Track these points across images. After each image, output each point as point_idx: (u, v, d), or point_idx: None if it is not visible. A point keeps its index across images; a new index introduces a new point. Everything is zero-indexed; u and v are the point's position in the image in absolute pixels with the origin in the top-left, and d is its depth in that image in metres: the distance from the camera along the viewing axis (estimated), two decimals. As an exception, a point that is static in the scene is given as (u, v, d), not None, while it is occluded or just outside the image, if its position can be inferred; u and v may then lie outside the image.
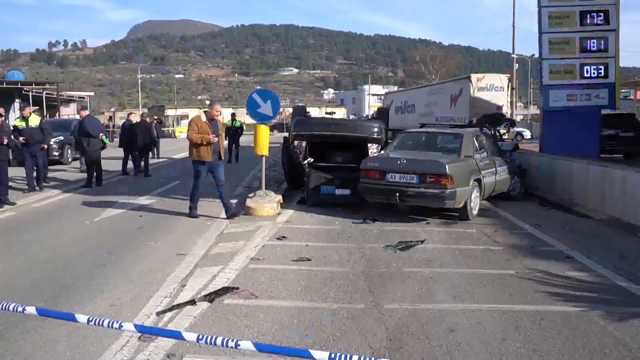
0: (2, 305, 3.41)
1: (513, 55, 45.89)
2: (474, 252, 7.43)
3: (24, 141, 12.97)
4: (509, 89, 21.57)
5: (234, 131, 21.70)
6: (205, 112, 9.74)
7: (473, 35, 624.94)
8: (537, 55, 16.44)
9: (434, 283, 6.05)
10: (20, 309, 3.35)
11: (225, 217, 9.67)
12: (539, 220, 9.60)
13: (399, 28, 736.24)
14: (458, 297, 5.58)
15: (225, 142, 22.21)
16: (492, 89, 20.41)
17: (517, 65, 47.29)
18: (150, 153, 17.39)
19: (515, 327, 4.78)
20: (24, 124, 13.24)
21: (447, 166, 9.12)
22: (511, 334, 4.63)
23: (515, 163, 12.20)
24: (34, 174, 13.35)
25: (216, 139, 9.41)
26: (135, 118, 18.50)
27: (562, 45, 14.14)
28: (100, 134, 14.27)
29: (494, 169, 10.66)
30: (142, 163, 17.12)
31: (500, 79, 21.07)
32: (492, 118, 15.96)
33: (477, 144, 10.49)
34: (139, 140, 16.95)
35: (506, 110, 20.80)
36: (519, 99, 60.66)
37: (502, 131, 16.54)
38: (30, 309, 3.32)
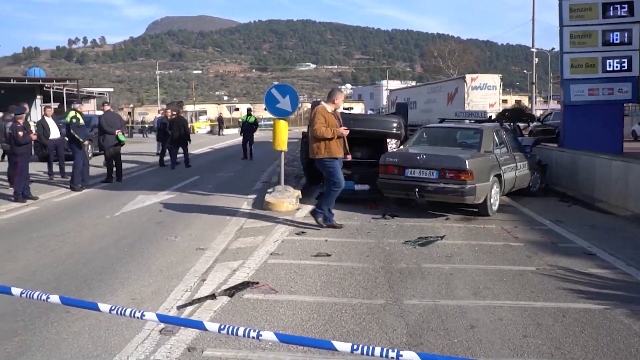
0: (27, 293, 3.46)
1: (532, 50, 45.36)
2: (494, 248, 7.37)
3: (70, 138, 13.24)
4: (501, 87, 22.63)
5: (248, 126, 21.60)
6: (325, 102, 8.62)
7: (492, 29, 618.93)
8: (557, 49, 16.27)
9: (454, 279, 6.01)
10: (44, 297, 3.40)
11: (324, 225, 8.49)
12: (560, 217, 9.50)
13: (416, 22, 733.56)
14: (478, 294, 5.54)
15: (240, 138, 22.36)
16: (485, 87, 21.85)
17: (536, 59, 46.70)
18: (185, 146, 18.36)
19: (536, 324, 4.73)
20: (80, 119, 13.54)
21: (466, 161, 9.05)
22: (532, 331, 4.59)
23: (535, 158, 12.07)
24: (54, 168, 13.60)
25: (347, 132, 8.62)
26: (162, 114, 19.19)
27: (583, 38, 13.93)
28: (117, 131, 14.19)
29: (514, 165, 10.56)
30: (175, 155, 17.98)
31: (493, 79, 22.78)
32: (512, 113, 15.89)
33: (497, 139, 10.40)
34: (174, 134, 17.80)
35: (498, 107, 21.70)
36: (538, 94, 59.91)
37: (521, 126, 16.46)
38: (54, 298, 3.37)
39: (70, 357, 4.12)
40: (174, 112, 19.69)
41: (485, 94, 22.20)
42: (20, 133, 11.23)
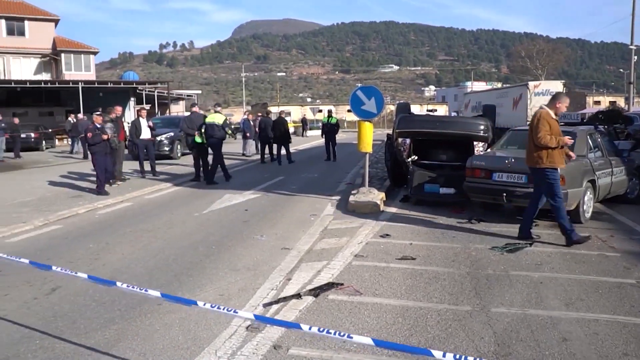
0: (130, 287, 3.66)
1: (631, 47, 42.73)
2: (588, 258, 7.00)
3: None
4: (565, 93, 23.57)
5: (330, 128, 21.77)
6: (548, 106, 7.87)
7: (584, 26, 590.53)
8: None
9: (543, 288, 5.76)
10: (144, 292, 3.57)
11: (565, 243, 7.64)
12: (662, 226, 8.90)
13: (503, 22, 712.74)
14: (571, 305, 5.28)
15: (322, 140, 22.58)
16: (548, 93, 22.57)
17: (635, 57, 44.04)
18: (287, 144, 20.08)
19: (638, 341, 4.43)
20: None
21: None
22: (634, 349, 4.30)
23: (634, 163, 11.39)
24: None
25: (572, 141, 7.95)
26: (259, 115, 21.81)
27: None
28: (196, 132, 14.39)
29: (610, 170, 10.02)
30: (280, 152, 19.84)
31: (555, 85, 23.64)
32: (607, 115, 15.11)
33: (591, 143, 9.89)
34: (276, 133, 19.45)
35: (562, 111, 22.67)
36: (637, 94, 56.56)
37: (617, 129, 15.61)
38: (154, 293, 3.54)
39: (162, 347, 4.29)
40: (278, 113, 21.51)
41: (547, 100, 23.00)
42: (90, 134, 12.07)
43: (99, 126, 12.28)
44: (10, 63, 42.45)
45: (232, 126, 14.45)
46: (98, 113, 12.73)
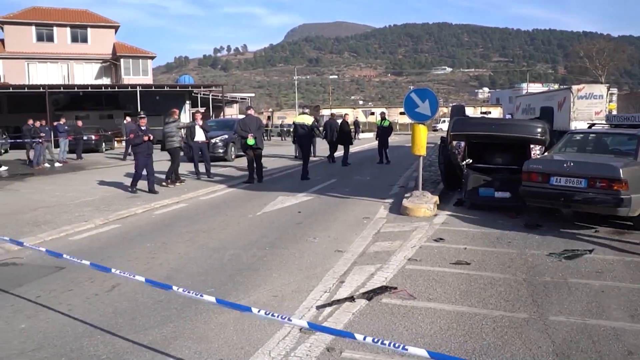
0: (186, 291, 3.74)
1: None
2: (653, 266, 6.71)
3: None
4: (609, 96, 24.45)
5: (383, 131, 21.80)
6: None
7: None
8: None
9: (605, 297, 5.55)
10: (198, 297, 3.64)
11: None
12: None
13: (560, 21, 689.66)
14: (636, 316, 5.05)
15: (376, 143, 22.53)
16: (591, 97, 23.45)
17: None
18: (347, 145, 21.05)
19: None
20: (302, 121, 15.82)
21: (620, 170, 8.34)
22: None
23: None
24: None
25: None
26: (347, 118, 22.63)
27: None
28: (250, 135, 14.47)
29: (677, 175, 9.58)
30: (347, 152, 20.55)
31: (599, 89, 24.17)
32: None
33: (656, 146, 9.48)
34: (340, 134, 20.49)
35: (604, 115, 22.82)
36: None
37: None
38: (210, 298, 3.60)
39: (217, 347, 4.37)
40: (344, 116, 22.30)
41: (591, 103, 23.73)
42: (132, 135, 12.41)
43: (143, 128, 12.64)
44: (73, 68, 44.19)
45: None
46: (142, 116, 13.08)
